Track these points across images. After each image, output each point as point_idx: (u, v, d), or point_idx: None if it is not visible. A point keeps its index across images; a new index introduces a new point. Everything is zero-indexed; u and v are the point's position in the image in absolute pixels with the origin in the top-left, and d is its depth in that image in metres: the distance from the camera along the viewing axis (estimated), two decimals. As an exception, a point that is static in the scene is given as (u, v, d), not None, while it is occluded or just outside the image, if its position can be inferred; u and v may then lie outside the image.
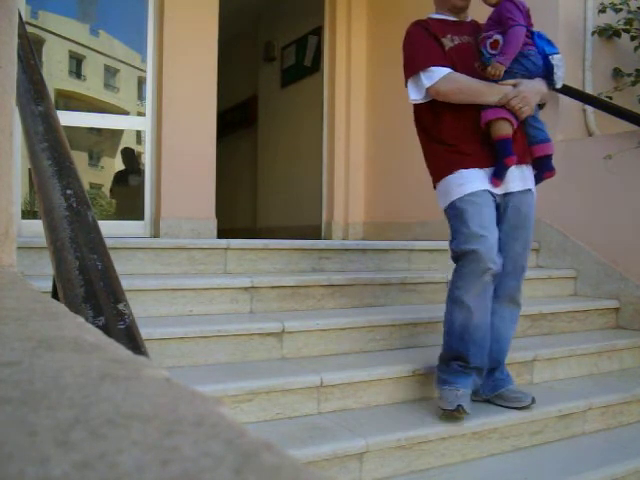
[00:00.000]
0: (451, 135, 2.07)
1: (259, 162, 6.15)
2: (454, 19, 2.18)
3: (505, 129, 2.01)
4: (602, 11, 3.37)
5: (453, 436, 1.94)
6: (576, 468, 1.92)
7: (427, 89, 2.06)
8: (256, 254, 2.77)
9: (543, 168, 2.14)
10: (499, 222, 2.05)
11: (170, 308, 2.30)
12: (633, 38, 3.39)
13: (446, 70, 2.04)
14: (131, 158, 4.14)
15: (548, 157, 2.12)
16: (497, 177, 2.02)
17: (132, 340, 0.78)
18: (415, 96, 2.11)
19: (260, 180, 6.09)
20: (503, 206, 2.08)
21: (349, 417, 1.96)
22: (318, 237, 4.66)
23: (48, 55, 3.78)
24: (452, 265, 2.07)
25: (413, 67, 2.09)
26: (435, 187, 2.15)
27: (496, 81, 2.03)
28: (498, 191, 2.05)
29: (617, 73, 3.47)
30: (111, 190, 4.16)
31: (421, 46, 2.10)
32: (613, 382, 2.54)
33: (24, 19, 1.75)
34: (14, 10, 1.12)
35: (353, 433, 1.81)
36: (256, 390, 1.88)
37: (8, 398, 0.33)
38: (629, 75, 3.40)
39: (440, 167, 2.11)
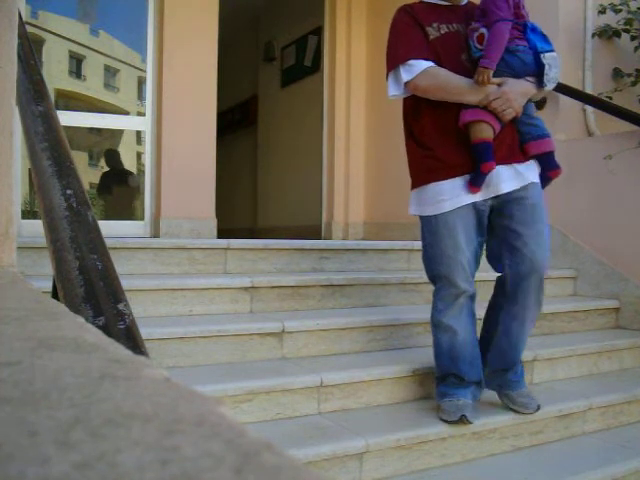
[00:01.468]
0: (429, 136, 1.94)
1: (259, 162, 6.14)
2: (446, 3, 2.00)
3: (484, 132, 1.84)
4: (602, 12, 3.37)
5: (453, 436, 1.94)
6: (576, 468, 1.92)
7: (405, 84, 1.92)
8: (256, 254, 2.77)
9: (546, 167, 1.99)
10: (501, 222, 1.94)
11: (170, 308, 2.30)
12: (633, 38, 3.39)
13: (426, 64, 1.89)
14: (114, 159, 4.15)
15: (548, 154, 1.97)
16: (474, 183, 1.88)
17: (132, 340, 0.78)
18: (394, 91, 1.97)
19: (260, 180, 6.09)
20: (499, 207, 1.93)
21: (349, 417, 1.96)
22: (318, 237, 4.66)
23: (48, 55, 3.78)
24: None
25: (393, 60, 1.96)
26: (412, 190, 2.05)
27: None
28: (486, 195, 1.91)
29: (617, 73, 3.47)
30: (98, 191, 4.17)
31: (403, 36, 1.94)
32: (613, 382, 2.54)
33: (24, 19, 1.75)
34: (14, 10, 1.12)
35: (353, 433, 1.81)
36: (256, 390, 1.88)
37: (8, 398, 0.33)
38: (629, 75, 3.41)
39: (416, 172, 2.01)
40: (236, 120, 6.71)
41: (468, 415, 1.91)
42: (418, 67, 1.89)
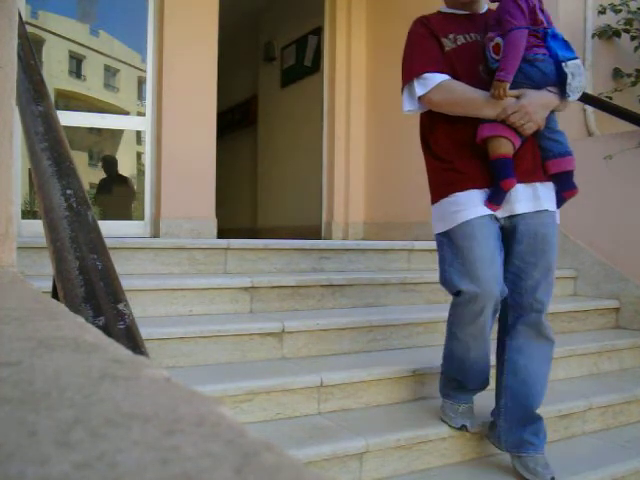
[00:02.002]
0: (446, 149, 1.85)
1: (259, 162, 6.15)
2: (464, 12, 1.91)
3: (503, 148, 1.74)
4: (602, 12, 3.37)
5: (453, 436, 1.94)
6: (576, 468, 1.92)
7: (419, 98, 1.84)
8: (256, 254, 2.77)
9: (563, 186, 1.85)
10: (509, 246, 1.83)
11: (170, 308, 2.30)
12: (633, 38, 3.39)
13: (441, 77, 1.81)
14: (111, 166, 4.17)
15: (567, 173, 1.83)
16: (493, 201, 1.77)
17: (132, 340, 0.78)
18: (409, 106, 1.89)
19: (260, 180, 6.09)
20: (510, 229, 1.82)
21: (349, 417, 1.96)
22: (318, 237, 4.66)
23: (48, 55, 3.78)
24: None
25: (407, 73, 1.88)
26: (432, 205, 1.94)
27: None
28: (500, 213, 1.81)
29: (617, 73, 3.47)
30: (95, 197, 4.20)
31: (417, 49, 1.87)
32: (613, 382, 2.54)
33: (24, 19, 1.75)
34: (14, 10, 1.12)
35: (353, 433, 1.81)
36: (256, 390, 1.88)
37: (8, 398, 0.33)
38: (629, 75, 3.41)
39: (435, 185, 1.91)
40: (236, 120, 6.71)
41: (468, 425, 1.90)
42: (432, 81, 1.81)
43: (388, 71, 4.36)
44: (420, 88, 1.83)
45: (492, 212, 1.78)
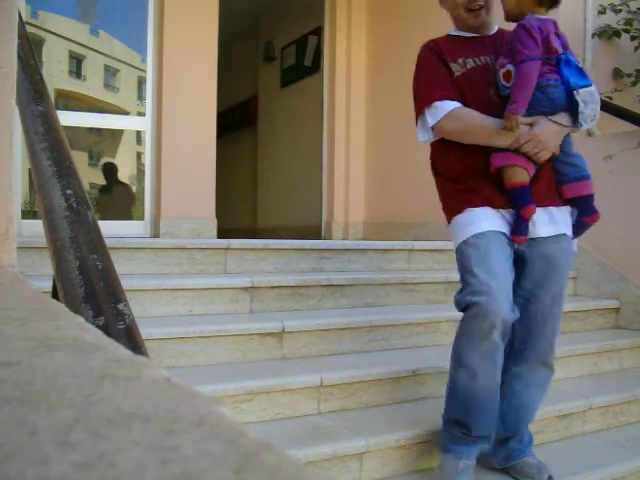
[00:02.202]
0: (459, 173, 1.81)
1: (259, 162, 6.15)
2: (474, 35, 1.88)
3: (518, 176, 1.70)
4: (602, 12, 3.37)
5: (453, 436, 1.93)
6: (576, 468, 1.92)
7: (431, 128, 1.80)
8: (256, 254, 2.77)
9: (583, 211, 1.79)
10: (522, 269, 1.78)
11: (170, 308, 2.30)
12: (633, 38, 3.39)
13: (452, 105, 1.76)
14: (111, 173, 4.18)
15: (586, 198, 1.78)
16: (517, 232, 1.71)
17: (132, 340, 0.78)
18: (423, 137, 1.86)
19: (260, 180, 6.09)
20: (528, 253, 1.77)
21: (349, 417, 1.96)
22: (318, 237, 4.66)
23: (48, 55, 3.78)
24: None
25: (419, 103, 1.85)
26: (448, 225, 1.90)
27: None
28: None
29: (617, 73, 3.48)
30: (96, 203, 4.22)
31: (427, 77, 1.84)
32: (613, 382, 2.54)
33: (24, 19, 1.75)
34: (14, 10, 1.12)
35: (353, 433, 1.81)
36: (256, 390, 1.88)
37: (8, 398, 0.33)
38: (629, 75, 3.41)
39: (449, 206, 1.86)
40: (236, 120, 6.71)
41: None
42: (442, 109, 1.77)
43: (388, 71, 4.37)
44: (431, 118, 1.79)
45: (506, 231, 1.73)
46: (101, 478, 0.23)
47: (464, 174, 1.79)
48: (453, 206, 1.83)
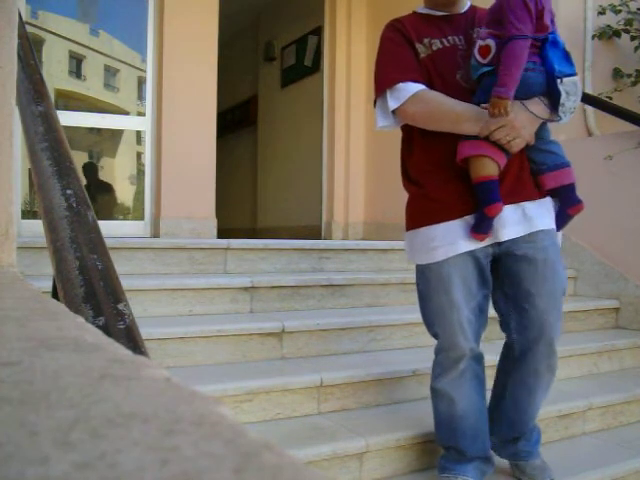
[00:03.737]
0: (422, 172, 1.65)
1: (259, 162, 6.15)
2: (442, 13, 1.70)
3: (487, 169, 1.52)
4: (602, 12, 3.37)
5: (453, 436, 1.93)
6: (576, 468, 1.92)
7: (393, 112, 1.64)
8: (256, 254, 2.77)
9: (566, 202, 1.65)
10: (503, 276, 1.66)
11: (170, 308, 2.30)
12: (633, 38, 3.39)
13: (416, 87, 1.59)
14: (91, 173, 4.16)
15: (567, 187, 1.63)
16: (477, 231, 1.56)
17: (132, 340, 0.78)
18: (382, 122, 1.70)
19: (260, 180, 6.09)
20: (501, 257, 1.63)
21: (349, 417, 1.96)
22: (318, 237, 4.66)
23: (48, 55, 3.78)
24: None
25: (379, 84, 1.69)
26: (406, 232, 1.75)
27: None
28: (485, 243, 1.60)
29: (617, 73, 3.48)
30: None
31: (389, 58, 1.68)
32: (613, 382, 2.54)
33: (24, 19, 1.75)
34: (14, 10, 1.12)
35: (353, 433, 1.81)
36: (256, 390, 1.88)
37: (8, 398, 0.33)
38: (629, 75, 3.41)
39: (410, 214, 1.72)
40: (236, 120, 6.71)
41: None
42: (406, 91, 1.60)
43: (388, 71, 4.37)
44: (393, 101, 1.63)
45: (470, 248, 1.58)
46: (101, 478, 0.23)
47: (427, 174, 1.64)
48: (414, 215, 1.69)
